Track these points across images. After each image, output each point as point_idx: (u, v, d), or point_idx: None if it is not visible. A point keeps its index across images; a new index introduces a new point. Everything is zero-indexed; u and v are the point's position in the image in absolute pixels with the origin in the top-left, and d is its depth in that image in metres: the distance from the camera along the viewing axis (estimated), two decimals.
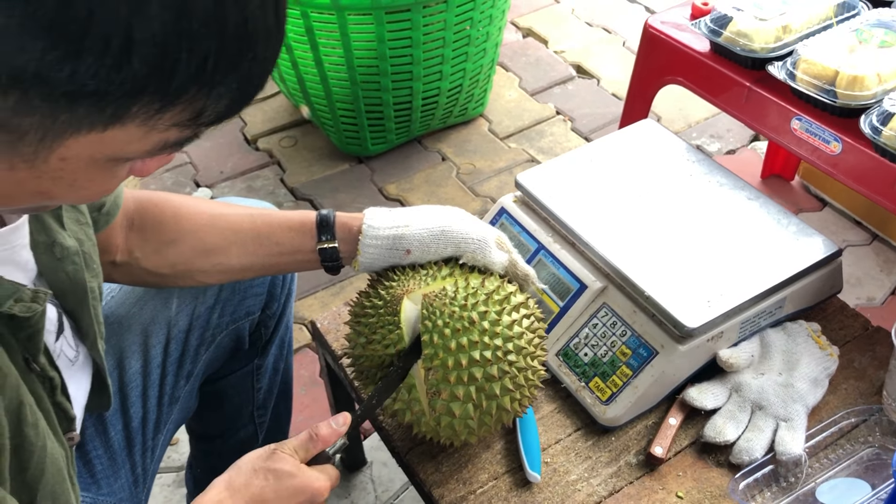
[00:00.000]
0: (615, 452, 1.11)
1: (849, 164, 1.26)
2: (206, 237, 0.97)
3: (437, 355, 0.93)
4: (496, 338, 0.94)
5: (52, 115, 0.49)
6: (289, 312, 1.25)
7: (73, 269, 0.77)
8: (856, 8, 1.40)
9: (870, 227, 2.05)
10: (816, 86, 1.27)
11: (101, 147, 0.53)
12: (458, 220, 1.01)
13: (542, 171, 1.33)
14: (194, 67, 0.49)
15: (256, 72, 0.53)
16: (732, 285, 1.13)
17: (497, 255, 1.01)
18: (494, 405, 0.96)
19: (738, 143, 2.39)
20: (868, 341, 1.23)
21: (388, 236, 0.98)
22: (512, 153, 2.40)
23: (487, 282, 0.98)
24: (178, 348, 1.08)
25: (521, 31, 2.92)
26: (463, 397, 0.94)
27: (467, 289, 0.95)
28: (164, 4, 0.46)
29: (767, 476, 1.05)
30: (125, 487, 1.02)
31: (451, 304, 0.93)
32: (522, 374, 0.97)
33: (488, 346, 0.93)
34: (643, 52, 1.60)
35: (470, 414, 0.95)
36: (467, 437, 1.00)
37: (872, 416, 1.11)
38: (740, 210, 1.25)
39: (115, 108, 0.49)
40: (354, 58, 2.11)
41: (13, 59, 0.45)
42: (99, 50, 0.45)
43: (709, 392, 1.13)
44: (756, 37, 1.36)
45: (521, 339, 0.96)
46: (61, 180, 0.56)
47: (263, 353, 1.24)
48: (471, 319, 0.93)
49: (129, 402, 1.03)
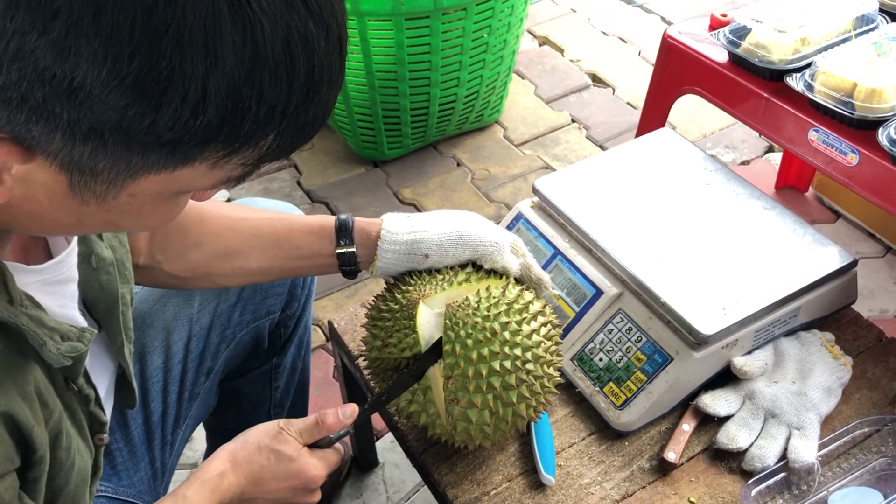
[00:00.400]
0: (628, 457, 1.12)
1: (866, 176, 1.27)
2: (228, 241, 0.98)
3: (458, 365, 0.94)
4: (516, 347, 0.95)
5: (127, 159, 0.51)
6: (308, 313, 1.26)
7: (106, 279, 0.79)
8: (874, 21, 1.41)
9: (883, 239, 2.05)
10: (834, 98, 1.28)
11: (169, 184, 0.55)
12: (475, 224, 1.02)
13: (559, 178, 1.35)
14: (264, 114, 0.50)
15: (319, 113, 0.55)
16: (748, 293, 1.14)
17: (512, 259, 1.03)
18: (510, 412, 0.97)
19: (753, 153, 2.40)
20: (882, 352, 1.23)
21: (406, 241, 0.99)
22: (526, 160, 2.42)
23: (508, 291, 0.99)
24: (199, 345, 1.10)
25: (538, 40, 2.94)
26: (481, 405, 0.95)
27: (489, 298, 0.96)
28: (239, 59, 0.47)
29: (779, 483, 1.06)
30: (144, 480, 1.04)
31: (473, 314, 0.94)
32: (539, 382, 0.98)
33: (508, 356, 0.94)
34: (661, 62, 1.62)
35: (486, 420, 0.97)
36: (482, 442, 1.01)
37: (885, 427, 1.11)
38: (756, 219, 1.26)
39: (187, 153, 0.51)
40: (373, 63, 2.13)
41: (96, 113, 0.47)
42: (177, 104, 0.47)
43: (722, 399, 1.14)
44: (775, 48, 1.37)
45: (539, 348, 0.97)
46: (128, 213, 0.58)
47: (282, 353, 1.26)
48: (493, 330, 0.94)
49: (149, 397, 1.05)
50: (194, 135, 0.49)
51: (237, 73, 0.47)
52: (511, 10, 2.19)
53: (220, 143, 0.51)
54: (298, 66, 0.50)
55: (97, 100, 0.46)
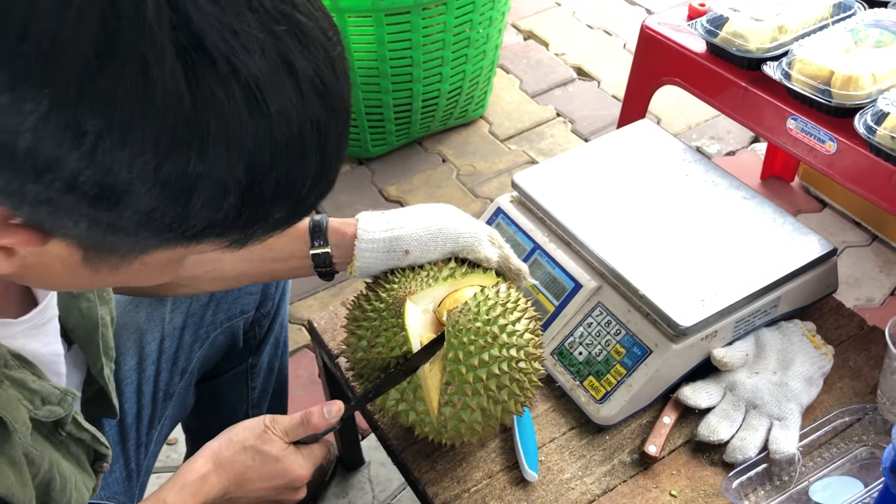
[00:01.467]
0: (609, 451, 1.11)
1: (844, 164, 1.26)
2: None
3: (459, 372, 0.93)
4: (511, 348, 0.94)
5: (146, 242, 0.52)
6: (283, 312, 1.25)
7: (86, 305, 0.79)
8: (851, 8, 1.40)
9: (869, 227, 2.05)
10: (812, 86, 1.27)
11: (182, 252, 0.56)
12: (452, 217, 1.01)
13: (538, 172, 1.34)
14: (280, 198, 0.52)
15: (326, 189, 0.56)
16: (727, 284, 1.13)
17: (491, 251, 1.02)
18: (500, 409, 0.96)
19: (738, 144, 2.39)
20: (863, 340, 1.23)
21: (384, 238, 0.97)
22: (512, 155, 2.41)
23: (500, 290, 0.98)
24: (172, 345, 1.09)
25: (522, 34, 2.92)
26: (476, 406, 0.95)
27: (486, 301, 0.95)
28: (259, 155, 0.48)
29: (761, 475, 1.06)
30: (119, 481, 1.03)
31: (475, 319, 0.93)
32: (528, 378, 0.98)
33: (505, 357, 0.94)
34: (640, 53, 1.61)
35: (478, 419, 0.96)
36: (469, 438, 1.00)
37: (866, 416, 1.11)
38: (736, 209, 1.25)
39: (206, 236, 0.52)
40: (354, 60, 2.11)
41: (123, 213, 0.47)
42: (200, 202, 0.48)
43: (703, 391, 1.13)
44: (752, 37, 1.36)
45: (530, 345, 0.97)
46: (138, 277, 0.59)
47: (258, 352, 1.25)
48: (493, 334, 0.93)
49: (123, 398, 1.04)
50: (214, 225, 0.51)
51: (256, 168, 0.49)
52: (492, 4, 2.18)
53: (236, 229, 0.53)
54: (311, 155, 0.51)
55: (124, 202, 0.47)
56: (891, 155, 1.17)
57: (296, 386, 1.79)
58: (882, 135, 1.17)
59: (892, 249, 2.01)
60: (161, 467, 1.65)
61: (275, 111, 0.47)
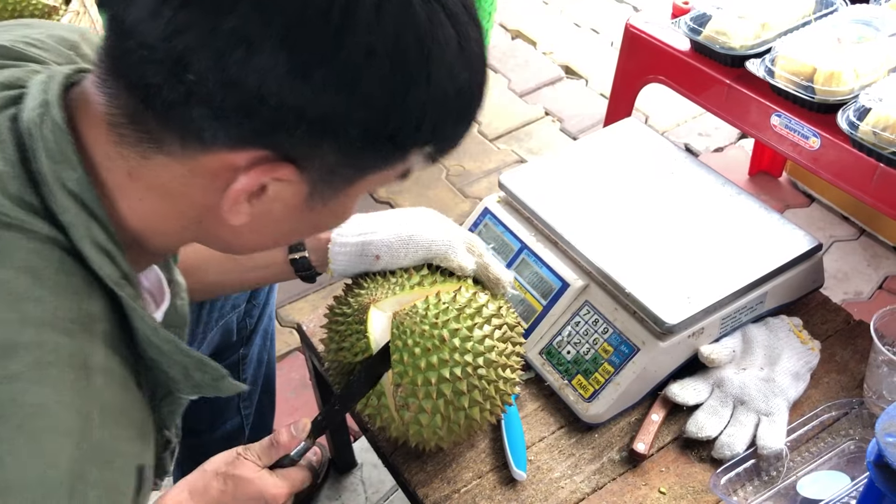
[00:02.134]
0: (598, 449, 1.11)
1: (828, 160, 1.27)
2: (184, 257, 0.98)
3: (406, 373, 0.93)
4: (466, 354, 0.94)
5: (363, 161, 0.62)
6: (271, 303, 1.27)
7: (181, 303, 0.81)
8: (833, 5, 1.41)
9: (857, 222, 2.06)
10: (795, 82, 1.28)
11: (376, 181, 0.65)
12: (427, 224, 1.02)
13: (524, 172, 1.34)
14: (457, 123, 0.65)
15: (473, 120, 0.69)
16: (713, 281, 1.14)
17: (467, 259, 1.02)
18: (462, 416, 0.96)
19: (726, 140, 2.40)
20: (850, 335, 1.24)
21: (355, 243, 1.00)
22: (501, 154, 2.41)
23: (459, 294, 0.97)
24: None
25: (510, 34, 2.93)
26: (431, 410, 0.94)
27: (438, 305, 0.95)
28: (453, 91, 0.61)
29: (749, 470, 1.06)
30: None
31: (421, 322, 0.93)
32: (493, 386, 0.97)
33: (458, 362, 0.93)
34: (625, 52, 1.62)
35: (438, 424, 0.96)
36: (438, 443, 1.01)
37: (853, 410, 1.12)
38: (721, 207, 1.26)
39: (406, 150, 0.63)
40: None
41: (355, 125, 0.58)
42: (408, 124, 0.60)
43: (691, 388, 1.13)
44: (735, 35, 1.37)
45: (493, 353, 0.96)
46: (335, 213, 0.67)
47: (248, 343, 1.27)
48: (441, 338, 0.93)
49: None
50: (416, 139, 0.62)
51: (462, 85, 0.62)
52: (479, 4, 2.18)
53: (431, 144, 0.64)
54: (475, 104, 0.66)
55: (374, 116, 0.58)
56: (873, 150, 1.18)
57: (287, 389, 1.79)
58: (864, 130, 1.18)
59: (879, 243, 2.02)
60: None
61: (470, 49, 0.60)
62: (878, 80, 1.25)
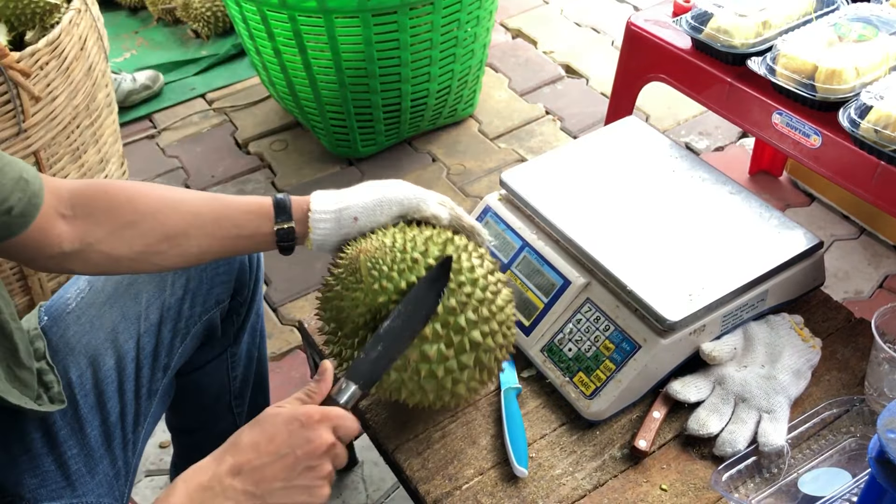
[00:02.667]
0: (600, 446, 1.12)
1: (829, 158, 1.27)
2: (167, 220, 0.99)
3: (391, 301, 0.96)
4: (474, 285, 0.98)
5: None
6: (258, 300, 1.28)
7: None
8: (835, 3, 1.41)
9: (857, 221, 2.06)
10: (796, 80, 1.28)
11: None
12: (398, 186, 1.06)
13: (526, 170, 1.34)
14: None
15: None
16: (714, 279, 1.14)
17: (440, 209, 1.06)
18: (467, 341, 0.98)
19: (727, 140, 2.40)
20: (851, 333, 1.24)
21: (335, 209, 1.03)
22: (502, 153, 2.41)
23: (427, 230, 1.02)
24: (150, 341, 1.10)
25: (511, 33, 2.93)
26: (432, 337, 0.96)
27: (405, 237, 0.99)
28: None
29: (750, 467, 1.06)
30: (104, 483, 1.03)
31: (391, 251, 0.97)
32: (486, 307, 0.99)
33: (487, 318, 0.97)
34: (626, 50, 1.62)
35: (444, 353, 0.97)
36: (452, 388, 1.00)
37: (854, 407, 1.12)
38: (722, 204, 1.26)
39: None
40: (343, 60, 2.12)
41: None
42: None
43: (692, 385, 1.14)
44: (736, 33, 1.37)
45: (475, 273, 1.00)
46: None
47: (236, 341, 1.27)
48: (413, 259, 0.97)
49: (105, 398, 1.05)
50: None
51: None
52: (480, 3, 2.18)
53: None
54: None
55: None
56: (874, 148, 1.18)
57: (288, 387, 1.80)
58: (865, 128, 1.18)
59: (880, 242, 2.02)
60: (155, 470, 1.65)
61: None
62: (879, 77, 1.25)
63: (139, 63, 2.82)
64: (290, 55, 2.16)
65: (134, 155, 2.43)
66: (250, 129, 2.56)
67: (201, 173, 2.40)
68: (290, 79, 2.24)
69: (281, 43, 2.14)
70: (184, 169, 2.42)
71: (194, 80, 2.77)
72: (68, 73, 1.57)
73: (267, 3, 2.03)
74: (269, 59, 2.24)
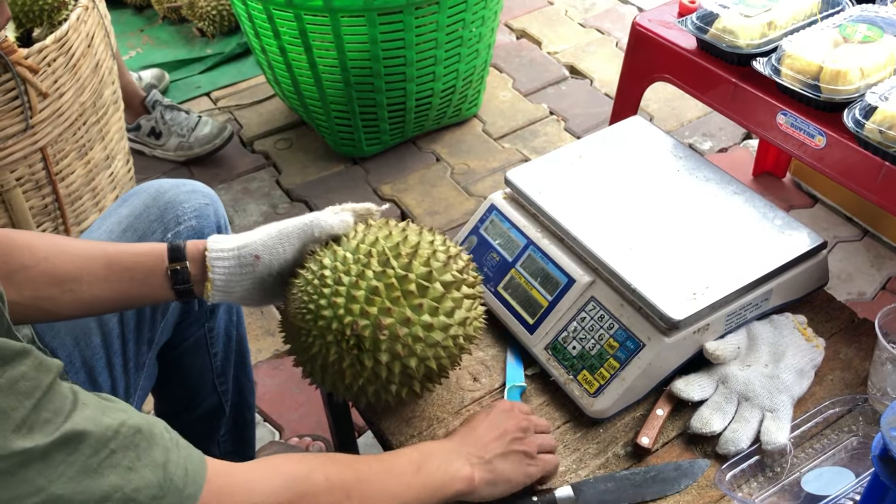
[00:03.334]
0: (603, 444, 1.12)
1: (833, 158, 1.28)
2: (58, 263, 0.98)
3: (335, 319, 0.96)
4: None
5: None
6: None
7: None
8: (840, 4, 1.42)
9: (861, 223, 2.07)
10: (801, 81, 1.28)
11: None
12: (294, 217, 1.06)
13: (531, 168, 1.35)
14: None
15: None
16: (718, 278, 1.14)
17: (335, 219, 1.05)
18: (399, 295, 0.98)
19: (731, 141, 2.41)
20: (854, 333, 1.24)
21: (233, 247, 1.01)
22: (506, 153, 2.42)
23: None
24: (133, 316, 1.13)
25: (515, 33, 2.94)
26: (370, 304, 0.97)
27: (322, 263, 0.99)
28: None
29: (753, 466, 1.07)
30: None
31: (313, 286, 0.98)
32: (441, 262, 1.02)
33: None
34: (631, 50, 1.62)
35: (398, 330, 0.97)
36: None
37: (857, 406, 1.12)
38: (726, 204, 1.26)
39: None
40: (348, 59, 2.12)
41: None
42: None
43: (696, 384, 1.14)
44: (741, 33, 1.37)
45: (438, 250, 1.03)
46: None
47: (213, 317, 1.28)
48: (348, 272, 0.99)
49: (96, 373, 1.08)
50: None
51: None
52: (485, 3, 2.19)
53: None
54: None
55: None
56: (879, 148, 1.19)
57: (290, 384, 1.81)
58: (870, 129, 1.18)
59: (883, 244, 2.02)
60: None
61: None
62: (883, 78, 1.25)
63: (144, 61, 2.83)
64: (295, 54, 2.17)
65: (138, 153, 2.44)
66: (255, 128, 2.57)
67: (206, 172, 2.41)
68: (295, 77, 2.25)
69: (286, 41, 2.15)
70: (188, 168, 2.43)
71: (199, 78, 2.78)
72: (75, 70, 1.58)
73: (273, 1, 2.04)
74: (274, 58, 2.24)
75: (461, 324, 1.03)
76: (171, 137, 2.38)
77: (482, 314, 1.09)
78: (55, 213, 1.66)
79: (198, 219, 1.17)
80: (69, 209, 1.68)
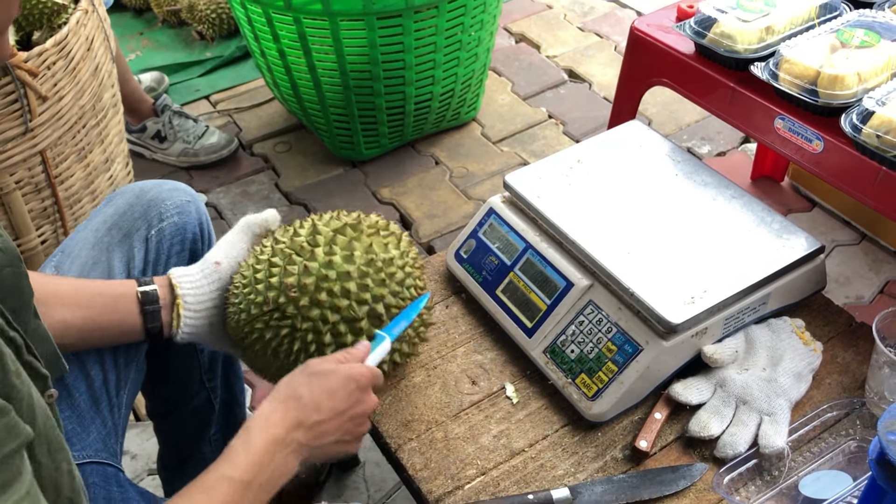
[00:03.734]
0: (601, 447, 1.12)
1: (831, 163, 1.28)
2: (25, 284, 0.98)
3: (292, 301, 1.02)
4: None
5: None
6: None
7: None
8: (837, 9, 1.42)
9: (858, 226, 2.07)
10: (798, 85, 1.28)
11: None
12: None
13: (529, 172, 1.35)
14: None
15: None
16: (716, 282, 1.15)
17: (264, 213, 1.15)
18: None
19: (729, 145, 2.41)
20: (852, 336, 1.24)
21: (195, 266, 1.10)
22: (504, 156, 2.42)
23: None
24: None
25: (514, 37, 2.94)
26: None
27: (258, 255, 1.08)
28: None
29: (751, 470, 1.07)
30: (98, 440, 1.06)
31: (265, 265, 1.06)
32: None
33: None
34: (629, 54, 1.62)
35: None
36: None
37: (855, 410, 1.12)
38: (724, 208, 1.27)
39: None
40: (347, 63, 2.13)
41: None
42: None
43: (694, 387, 1.14)
44: (739, 38, 1.38)
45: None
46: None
47: None
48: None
49: (87, 366, 1.08)
50: None
51: None
52: (484, 7, 2.19)
53: None
54: None
55: None
56: (876, 153, 1.19)
57: None
58: (868, 133, 1.19)
59: (880, 248, 2.03)
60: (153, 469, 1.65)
61: None
62: (881, 83, 1.26)
63: (144, 64, 2.83)
64: (294, 57, 2.17)
65: (138, 156, 2.44)
66: (254, 131, 2.57)
67: (205, 175, 2.41)
68: (294, 81, 2.25)
69: (286, 45, 2.15)
70: (187, 171, 2.43)
71: (199, 81, 2.78)
72: (75, 74, 1.58)
73: (272, 5, 2.05)
74: (273, 61, 2.25)
75: (384, 256, 1.07)
76: (176, 143, 2.38)
77: (410, 243, 1.15)
78: (54, 215, 1.66)
79: (180, 215, 1.20)
80: (68, 212, 1.68)
